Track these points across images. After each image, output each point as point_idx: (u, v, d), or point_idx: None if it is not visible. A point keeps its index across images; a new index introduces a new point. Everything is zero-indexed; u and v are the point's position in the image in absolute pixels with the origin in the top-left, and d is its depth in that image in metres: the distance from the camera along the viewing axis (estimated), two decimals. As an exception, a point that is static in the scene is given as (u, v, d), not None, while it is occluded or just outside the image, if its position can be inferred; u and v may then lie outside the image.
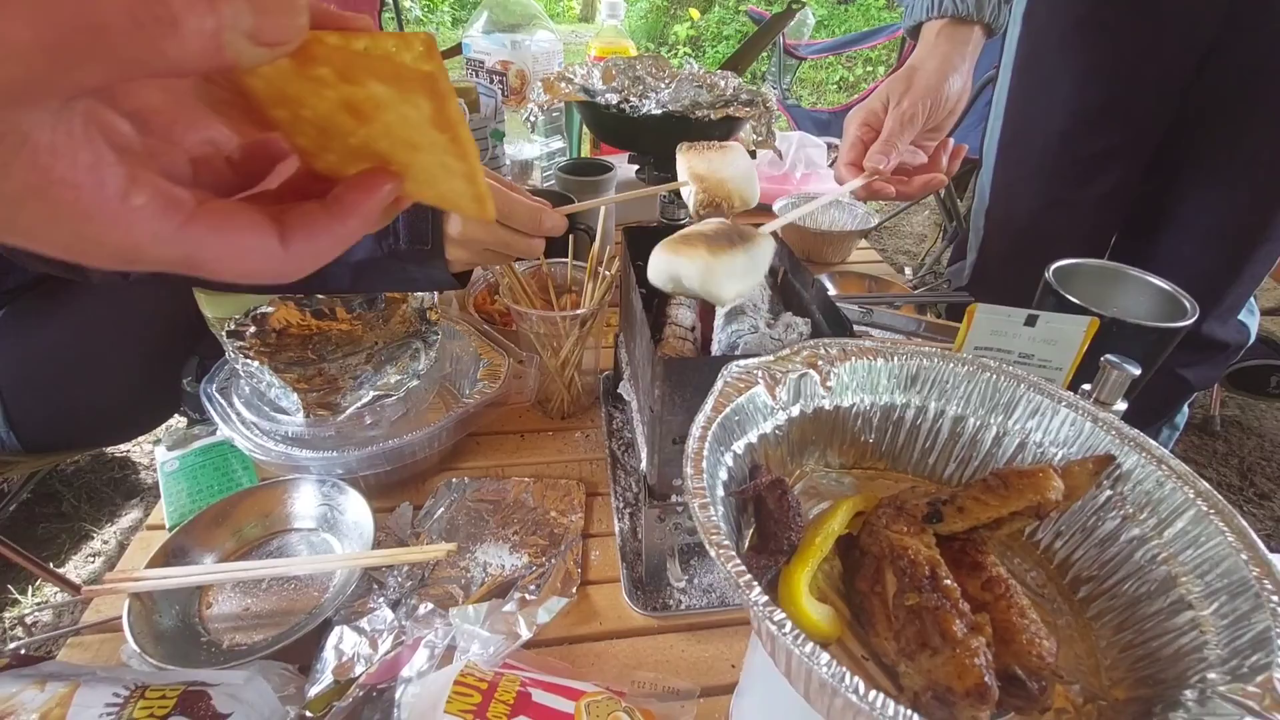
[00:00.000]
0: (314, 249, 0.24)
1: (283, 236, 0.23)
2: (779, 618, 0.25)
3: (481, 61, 1.06)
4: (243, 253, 0.22)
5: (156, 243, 0.20)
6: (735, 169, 0.48)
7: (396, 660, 0.48)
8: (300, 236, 0.23)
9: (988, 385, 0.40)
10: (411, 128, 0.24)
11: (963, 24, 0.62)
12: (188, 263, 0.21)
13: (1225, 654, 0.28)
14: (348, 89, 0.23)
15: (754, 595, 0.26)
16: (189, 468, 0.66)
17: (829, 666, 0.23)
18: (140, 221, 0.19)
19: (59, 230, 0.19)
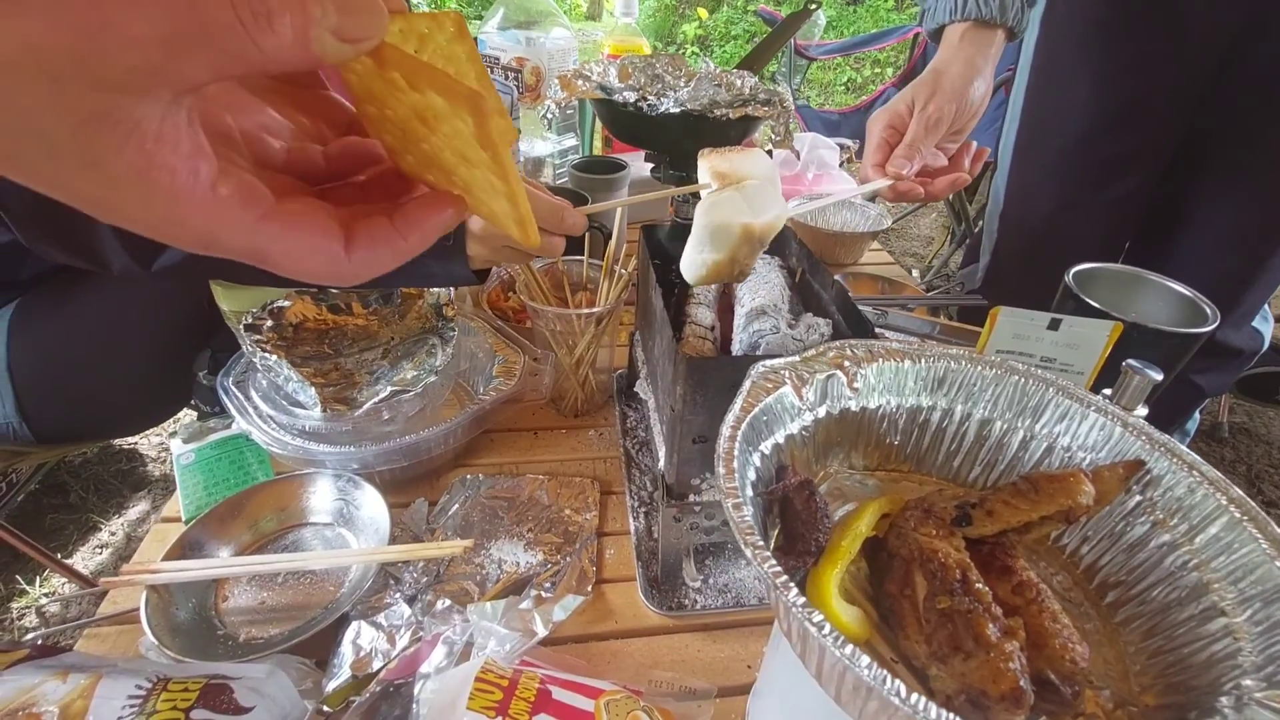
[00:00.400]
0: (374, 259, 0.25)
1: (348, 244, 0.24)
2: (818, 619, 0.25)
3: (497, 58, 1.06)
4: (308, 253, 0.24)
5: (233, 231, 0.22)
6: (757, 169, 0.48)
7: (416, 656, 0.48)
8: (363, 246, 0.25)
9: (1015, 389, 0.40)
10: (463, 141, 0.25)
11: (986, 27, 0.62)
12: (257, 254, 0.23)
13: (1260, 660, 0.28)
14: (415, 96, 0.24)
15: (791, 596, 0.26)
16: (205, 460, 0.66)
17: (869, 669, 0.23)
18: (223, 210, 0.21)
19: (151, 211, 0.20)
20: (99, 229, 0.52)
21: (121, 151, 0.18)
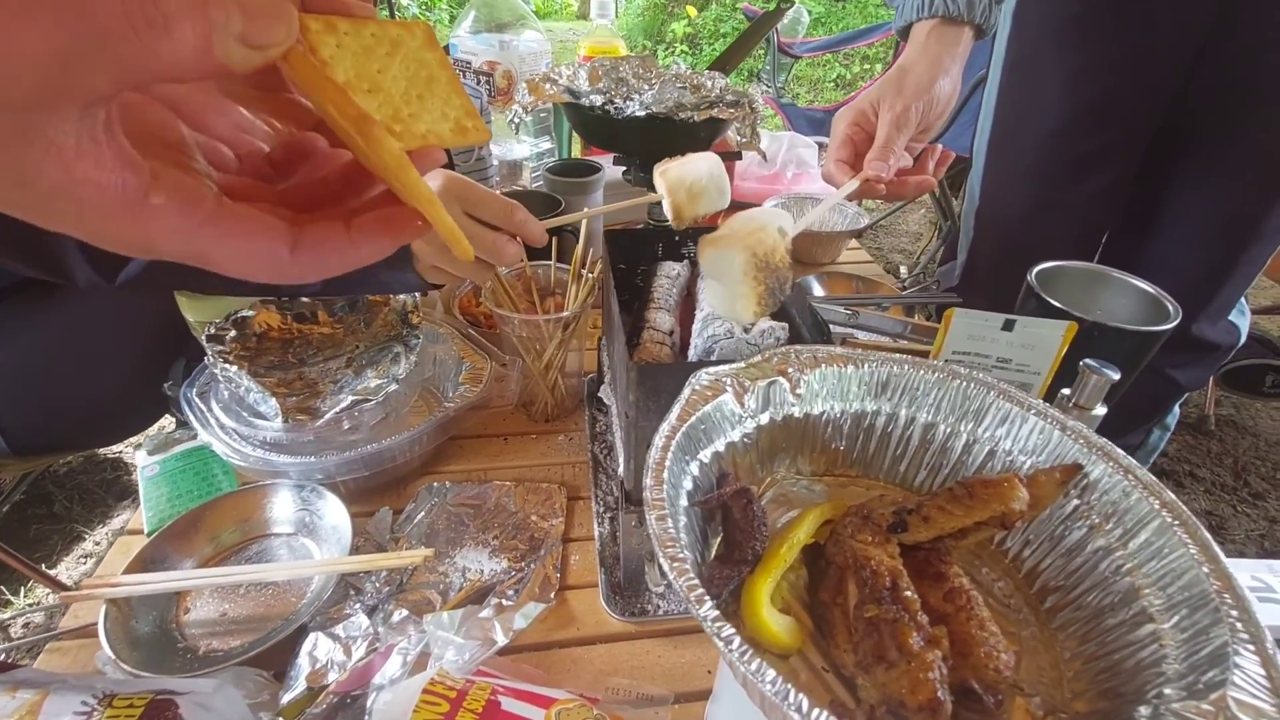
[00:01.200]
0: (320, 263, 0.25)
1: (294, 247, 0.25)
2: (727, 633, 0.25)
3: (468, 62, 1.06)
4: (251, 256, 0.24)
5: (172, 238, 0.22)
6: (698, 171, 0.48)
7: (368, 668, 0.48)
8: (310, 249, 0.25)
9: (958, 392, 0.40)
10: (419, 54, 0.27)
11: (953, 24, 0.62)
12: (200, 258, 0.23)
13: (1183, 669, 0.28)
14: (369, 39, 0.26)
15: (704, 610, 0.26)
16: (169, 472, 0.66)
17: (774, 684, 0.23)
18: (158, 218, 0.21)
19: (85, 223, 0.20)
20: (63, 242, 0.51)
21: (43, 170, 0.18)
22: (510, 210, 0.52)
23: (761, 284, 0.44)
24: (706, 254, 0.45)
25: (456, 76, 0.31)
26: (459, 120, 0.30)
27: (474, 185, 0.52)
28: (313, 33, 0.26)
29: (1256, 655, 0.26)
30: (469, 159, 0.95)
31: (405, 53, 0.28)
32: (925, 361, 0.40)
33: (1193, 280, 0.93)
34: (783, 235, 0.46)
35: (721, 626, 0.25)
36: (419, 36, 0.29)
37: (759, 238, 0.44)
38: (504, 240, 0.52)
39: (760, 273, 0.44)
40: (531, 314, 0.73)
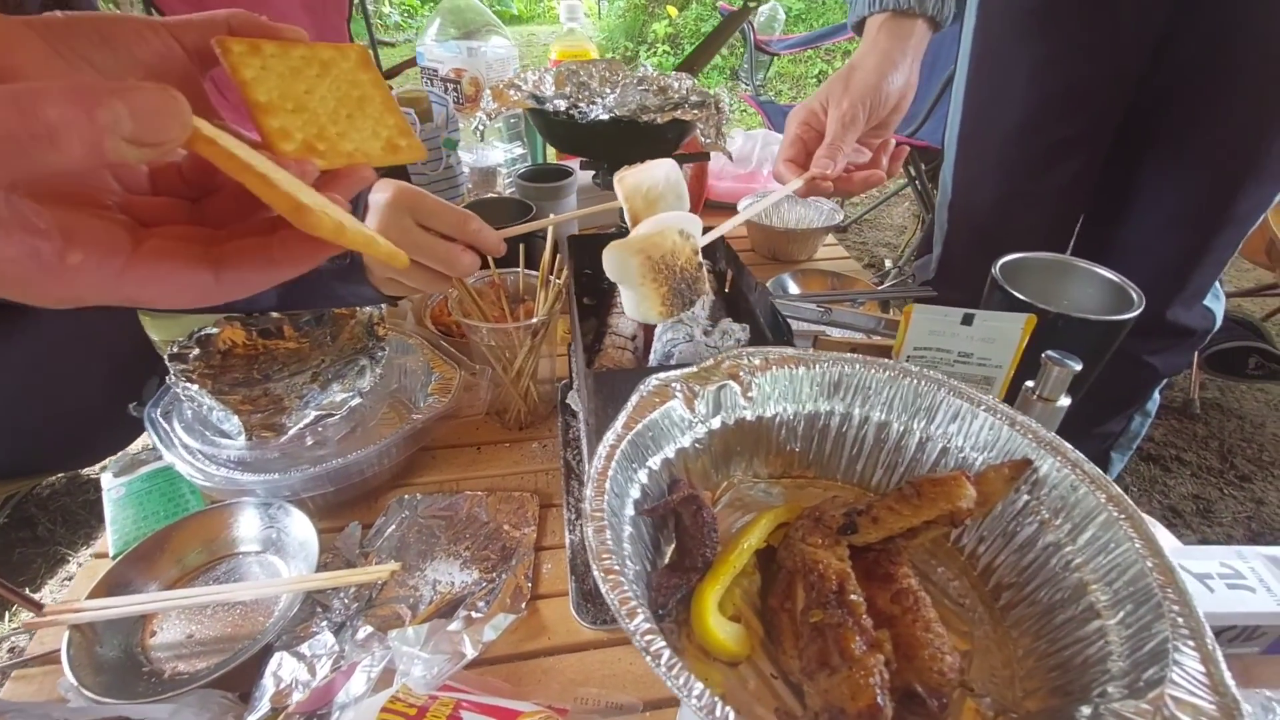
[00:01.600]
0: (244, 285, 0.26)
1: (217, 272, 0.25)
2: (656, 647, 0.24)
3: (435, 70, 1.05)
4: (178, 288, 0.25)
5: (96, 290, 0.22)
6: (654, 177, 0.47)
7: (330, 687, 0.47)
8: (232, 272, 0.25)
9: (909, 390, 0.40)
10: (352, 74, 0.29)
11: (905, 18, 0.61)
12: (128, 301, 0.23)
13: (1126, 666, 0.27)
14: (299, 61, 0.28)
15: (634, 624, 0.25)
16: (136, 493, 0.65)
17: (700, 698, 0.23)
18: (79, 276, 0.22)
19: (11, 291, 0.21)
20: None
21: None
22: (463, 220, 0.51)
23: (664, 285, 0.45)
24: (607, 259, 0.46)
25: (391, 97, 0.32)
26: (391, 139, 0.31)
27: (425, 196, 0.52)
28: (234, 55, 0.27)
29: (1196, 651, 0.26)
30: (438, 167, 0.94)
31: (337, 74, 0.30)
32: (877, 360, 0.40)
33: (1166, 266, 0.93)
34: (685, 237, 0.46)
35: (651, 640, 0.25)
36: (352, 59, 0.31)
37: (655, 241, 0.45)
38: (458, 250, 0.51)
39: (660, 274, 0.45)
40: (501, 322, 0.72)
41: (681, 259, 0.48)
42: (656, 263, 0.46)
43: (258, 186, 0.22)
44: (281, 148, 0.27)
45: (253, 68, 0.27)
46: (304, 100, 0.28)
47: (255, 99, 0.27)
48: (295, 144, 0.28)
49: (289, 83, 0.28)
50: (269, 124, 0.27)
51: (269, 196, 0.22)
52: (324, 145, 0.28)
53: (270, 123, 0.27)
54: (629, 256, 0.45)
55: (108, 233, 0.23)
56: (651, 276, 0.46)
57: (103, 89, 0.18)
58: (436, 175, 0.95)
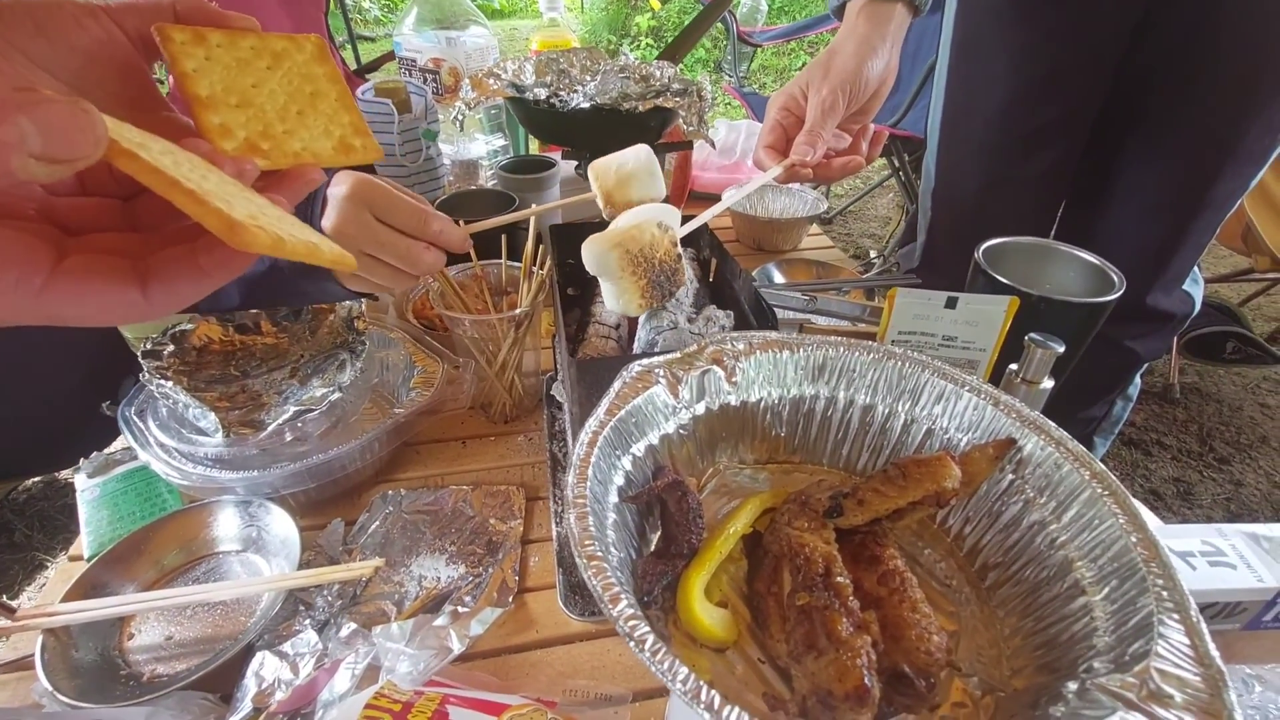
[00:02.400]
0: (175, 298, 0.24)
1: (144, 287, 0.23)
2: (640, 633, 0.24)
3: (414, 60, 1.04)
4: (104, 308, 0.23)
5: (17, 312, 0.21)
6: (624, 157, 0.47)
7: (312, 685, 0.47)
8: (161, 286, 0.24)
9: (894, 372, 0.40)
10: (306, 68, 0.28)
11: (884, 2, 0.61)
12: (53, 320, 0.22)
13: (1112, 641, 0.27)
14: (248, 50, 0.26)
15: (617, 609, 0.25)
16: (110, 494, 0.64)
17: (684, 683, 0.22)
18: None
19: None
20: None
21: None
22: (424, 219, 0.49)
23: (643, 278, 0.45)
24: (585, 252, 0.46)
25: (348, 93, 0.30)
26: (344, 138, 0.29)
27: (385, 190, 0.50)
28: (175, 44, 0.26)
29: (1181, 624, 0.26)
30: (417, 159, 0.93)
31: (290, 67, 0.28)
32: (861, 343, 0.40)
33: (1145, 251, 0.94)
34: (663, 230, 0.46)
35: (635, 626, 0.24)
36: (308, 50, 0.29)
37: (633, 234, 0.45)
38: (419, 248, 0.49)
39: (639, 267, 0.45)
40: (483, 314, 0.71)
41: (660, 251, 0.48)
42: (635, 256, 0.45)
43: (186, 204, 0.21)
44: (221, 145, 0.26)
45: (195, 59, 0.26)
46: (250, 95, 0.27)
47: (195, 92, 0.26)
48: (236, 142, 0.26)
49: (235, 75, 0.27)
50: (209, 120, 0.26)
51: (199, 214, 0.21)
52: (268, 144, 0.27)
53: (210, 119, 0.26)
54: (608, 250, 0.44)
55: (24, 248, 0.21)
56: (630, 269, 0.45)
57: (8, 103, 0.17)
58: (416, 167, 0.93)
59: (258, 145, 0.27)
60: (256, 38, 0.28)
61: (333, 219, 0.49)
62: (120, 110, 0.26)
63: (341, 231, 0.49)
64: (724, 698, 0.22)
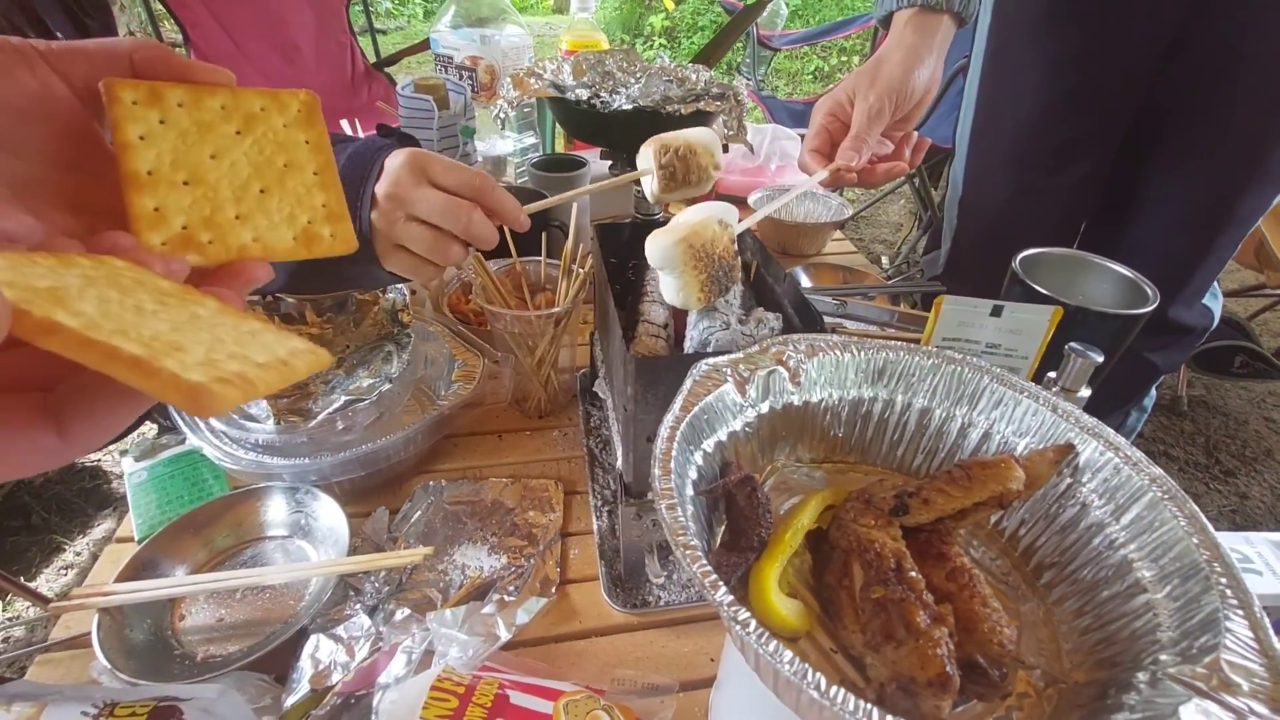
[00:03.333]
0: (100, 429, 0.20)
1: (60, 428, 0.20)
2: (743, 616, 0.25)
3: (450, 57, 1.05)
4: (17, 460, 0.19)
5: None
6: (696, 135, 0.49)
7: (373, 667, 0.48)
8: (80, 423, 0.20)
9: (952, 377, 0.41)
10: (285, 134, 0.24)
11: (931, 13, 0.62)
12: None
13: (1176, 636, 0.29)
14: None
15: (719, 595, 0.26)
16: (157, 478, 0.65)
17: (791, 664, 0.24)
18: None
19: None
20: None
21: None
22: (484, 181, 0.49)
23: (703, 272, 0.47)
24: (650, 247, 0.47)
25: (332, 166, 0.26)
26: (311, 227, 0.25)
27: (441, 157, 0.50)
28: (122, 105, 0.22)
29: (1245, 619, 0.27)
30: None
31: (264, 132, 0.24)
32: (920, 347, 0.41)
33: (1169, 265, 0.95)
34: (724, 227, 0.48)
35: (737, 610, 0.25)
36: (292, 111, 0.25)
37: (697, 230, 0.47)
38: (469, 208, 0.48)
39: (700, 262, 0.46)
40: (523, 310, 0.72)
41: (719, 247, 0.49)
42: (698, 250, 0.47)
43: (131, 376, 0.17)
44: (147, 239, 0.22)
45: (145, 123, 0.22)
46: (204, 170, 0.23)
47: (134, 169, 0.22)
48: (169, 234, 0.22)
49: (191, 144, 0.23)
50: (140, 204, 0.22)
51: (151, 388, 0.17)
52: (209, 235, 0.23)
53: (143, 203, 0.22)
54: (674, 244, 0.46)
55: None
56: (693, 264, 0.47)
57: None
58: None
59: (194, 238, 0.23)
60: (229, 95, 0.23)
61: (385, 185, 0.49)
62: (55, 175, 0.23)
63: (393, 195, 0.48)
64: (828, 679, 0.24)
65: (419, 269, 0.51)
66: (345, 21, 2.03)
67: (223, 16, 1.85)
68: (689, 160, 0.55)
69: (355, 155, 0.50)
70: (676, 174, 0.54)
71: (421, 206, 0.48)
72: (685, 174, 0.54)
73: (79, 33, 0.92)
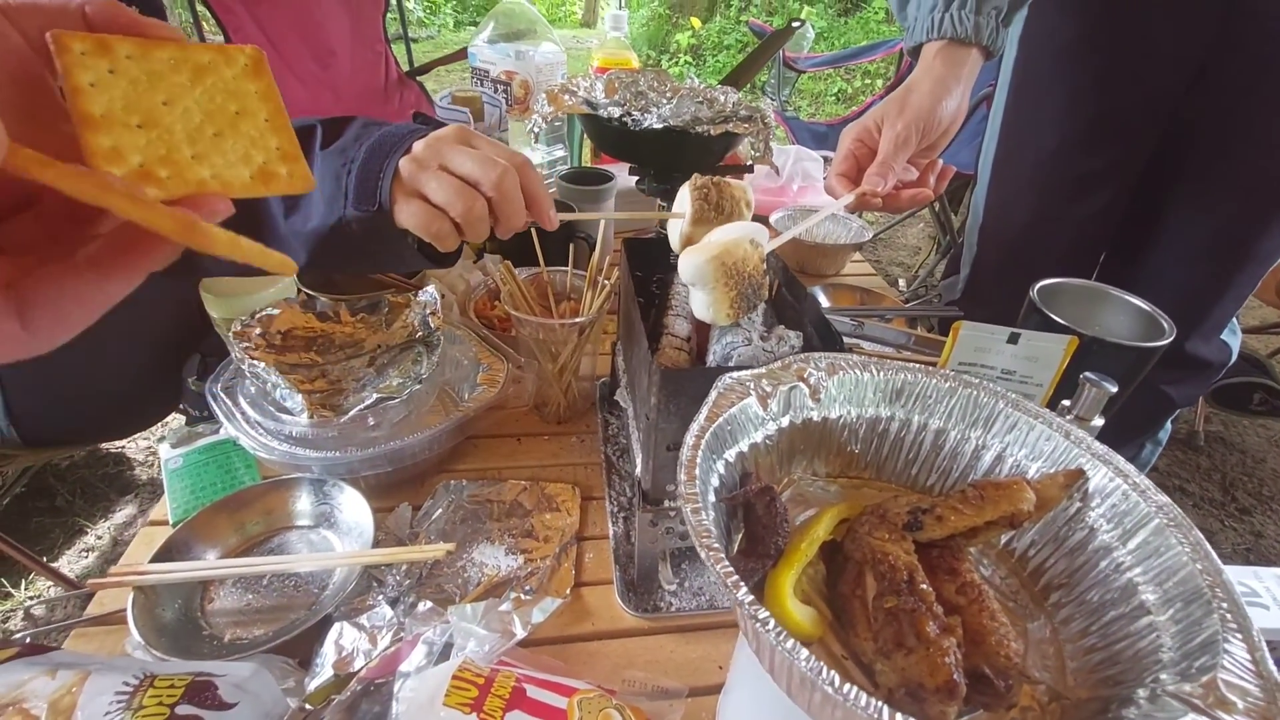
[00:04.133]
0: (64, 322, 0.21)
1: (22, 315, 0.20)
2: (763, 615, 0.27)
3: (486, 71, 1.08)
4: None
5: None
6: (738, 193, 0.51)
7: (396, 655, 0.50)
8: (44, 311, 0.21)
9: (968, 400, 0.42)
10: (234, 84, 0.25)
11: (960, 46, 0.64)
12: None
13: (1177, 656, 0.30)
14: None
15: (740, 594, 0.28)
16: (192, 465, 0.68)
17: (807, 661, 0.25)
18: None
19: None
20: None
21: None
22: (526, 163, 0.50)
23: (734, 289, 0.48)
24: (683, 263, 0.49)
25: (282, 112, 0.27)
26: (268, 165, 0.27)
27: (478, 135, 0.51)
28: (71, 54, 0.23)
29: (1243, 642, 0.28)
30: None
31: (213, 82, 0.26)
32: (937, 370, 0.43)
33: (1187, 297, 0.96)
34: (755, 246, 0.50)
35: (758, 608, 0.27)
36: (238, 64, 0.26)
37: (728, 248, 0.49)
38: (470, 194, 0.49)
39: (732, 279, 0.48)
40: (548, 318, 0.75)
41: (750, 265, 0.51)
42: (730, 269, 0.49)
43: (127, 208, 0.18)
44: (107, 170, 0.23)
45: (94, 71, 0.23)
46: (158, 114, 0.24)
47: (87, 110, 0.23)
48: (126, 168, 0.23)
49: (142, 91, 0.24)
50: (97, 142, 0.23)
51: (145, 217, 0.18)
52: (167, 171, 0.24)
53: (99, 140, 0.23)
54: (707, 261, 0.48)
55: None
56: (724, 281, 0.49)
57: None
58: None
59: (152, 173, 0.24)
60: (176, 48, 0.24)
61: (427, 140, 0.49)
62: (13, 125, 0.24)
63: (433, 144, 0.49)
64: (843, 678, 0.25)
65: (431, 221, 0.49)
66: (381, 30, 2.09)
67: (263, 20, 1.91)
68: (723, 190, 0.56)
69: (389, 132, 0.51)
70: (710, 197, 0.56)
71: (457, 158, 0.48)
72: (719, 202, 0.56)
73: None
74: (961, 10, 0.63)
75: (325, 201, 0.51)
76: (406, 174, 0.49)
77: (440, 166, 0.49)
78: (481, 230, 0.50)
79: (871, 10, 5.06)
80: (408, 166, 0.49)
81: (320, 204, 0.52)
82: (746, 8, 5.21)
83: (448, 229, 0.50)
